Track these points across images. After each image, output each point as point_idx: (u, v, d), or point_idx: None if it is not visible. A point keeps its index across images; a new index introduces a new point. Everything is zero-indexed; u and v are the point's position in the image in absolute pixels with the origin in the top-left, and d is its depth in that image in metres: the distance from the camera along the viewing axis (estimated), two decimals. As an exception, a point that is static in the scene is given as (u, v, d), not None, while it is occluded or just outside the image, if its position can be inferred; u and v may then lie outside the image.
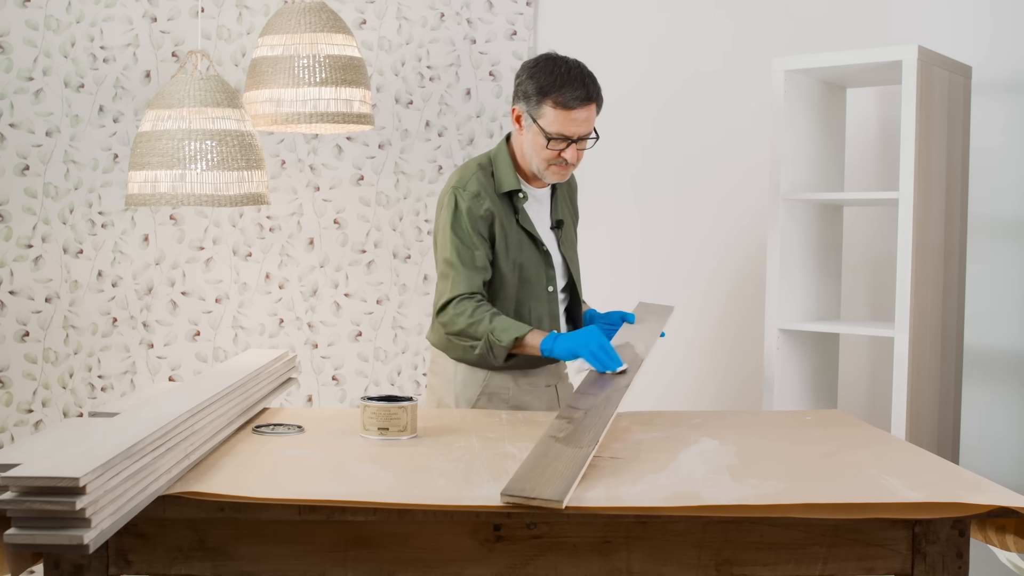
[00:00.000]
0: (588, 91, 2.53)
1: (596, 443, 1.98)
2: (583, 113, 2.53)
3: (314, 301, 3.64)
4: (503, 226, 2.62)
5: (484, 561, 1.84)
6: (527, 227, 2.65)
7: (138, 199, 2.79)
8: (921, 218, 2.98)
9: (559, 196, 2.76)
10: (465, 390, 2.70)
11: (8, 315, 3.46)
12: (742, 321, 3.81)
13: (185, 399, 2.04)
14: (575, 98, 2.51)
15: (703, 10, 3.82)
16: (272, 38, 2.96)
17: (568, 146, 2.55)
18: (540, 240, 2.66)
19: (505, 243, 2.62)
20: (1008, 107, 3.34)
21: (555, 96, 2.51)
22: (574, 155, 2.56)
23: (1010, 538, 1.90)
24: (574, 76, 2.52)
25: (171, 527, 1.85)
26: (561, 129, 2.53)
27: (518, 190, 2.64)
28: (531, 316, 2.66)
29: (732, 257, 3.83)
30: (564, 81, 2.51)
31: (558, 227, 2.72)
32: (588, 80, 2.54)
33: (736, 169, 3.80)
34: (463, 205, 2.59)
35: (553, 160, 2.57)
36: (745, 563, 1.86)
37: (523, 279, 2.64)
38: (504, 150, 2.68)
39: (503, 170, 2.65)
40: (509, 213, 2.64)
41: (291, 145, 3.62)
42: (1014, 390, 3.32)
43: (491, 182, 2.63)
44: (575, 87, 2.51)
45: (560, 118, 2.52)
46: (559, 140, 2.54)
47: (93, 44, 3.49)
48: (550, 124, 2.53)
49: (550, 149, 2.55)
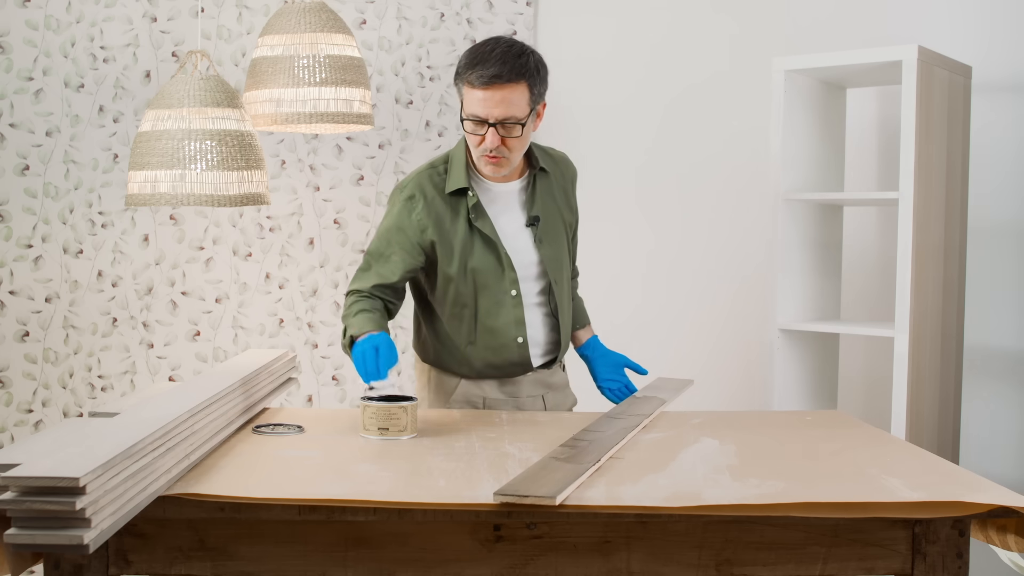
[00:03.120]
0: (501, 70, 2.30)
1: (597, 463, 1.97)
2: (499, 93, 2.31)
3: (314, 301, 3.64)
4: (444, 230, 2.46)
5: (484, 561, 1.84)
6: (481, 227, 2.47)
7: (138, 199, 2.80)
8: (921, 218, 2.98)
9: (539, 190, 2.55)
10: (437, 397, 2.63)
11: (8, 315, 3.46)
12: (742, 321, 3.81)
13: (185, 399, 2.04)
14: (483, 76, 2.30)
15: (703, 11, 3.82)
16: (272, 38, 2.96)
17: (487, 129, 2.34)
18: (498, 242, 2.48)
19: (450, 247, 2.47)
20: (1008, 107, 3.34)
21: (467, 75, 2.34)
22: (494, 140, 2.34)
23: (1011, 538, 1.90)
24: (492, 55, 2.32)
25: (171, 527, 1.84)
26: (473, 110, 2.34)
27: (466, 188, 2.46)
28: (497, 323, 2.51)
29: (732, 257, 3.83)
30: (478, 60, 2.33)
31: (533, 224, 2.52)
32: (508, 58, 2.32)
33: (736, 169, 3.80)
34: (394, 208, 2.50)
35: (478, 148, 2.39)
36: (745, 563, 1.86)
37: (480, 285, 2.49)
38: (462, 147, 2.51)
39: (455, 168, 2.48)
40: (459, 213, 2.47)
41: (291, 145, 3.62)
42: (1014, 390, 3.32)
43: (441, 181, 2.48)
44: (487, 65, 2.31)
45: (471, 98, 2.34)
46: (474, 122, 2.35)
47: (93, 44, 3.49)
48: (466, 105, 2.37)
49: (469, 133, 2.38)
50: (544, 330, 2.59)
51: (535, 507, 1.75)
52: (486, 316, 2.52)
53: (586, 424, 2.33)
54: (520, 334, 2.54)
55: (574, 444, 2.11)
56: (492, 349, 2.53)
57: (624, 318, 3.72)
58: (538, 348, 2.59)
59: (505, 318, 2.52)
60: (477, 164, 2.45)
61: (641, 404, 2.52)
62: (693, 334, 3.83)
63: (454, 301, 2.52)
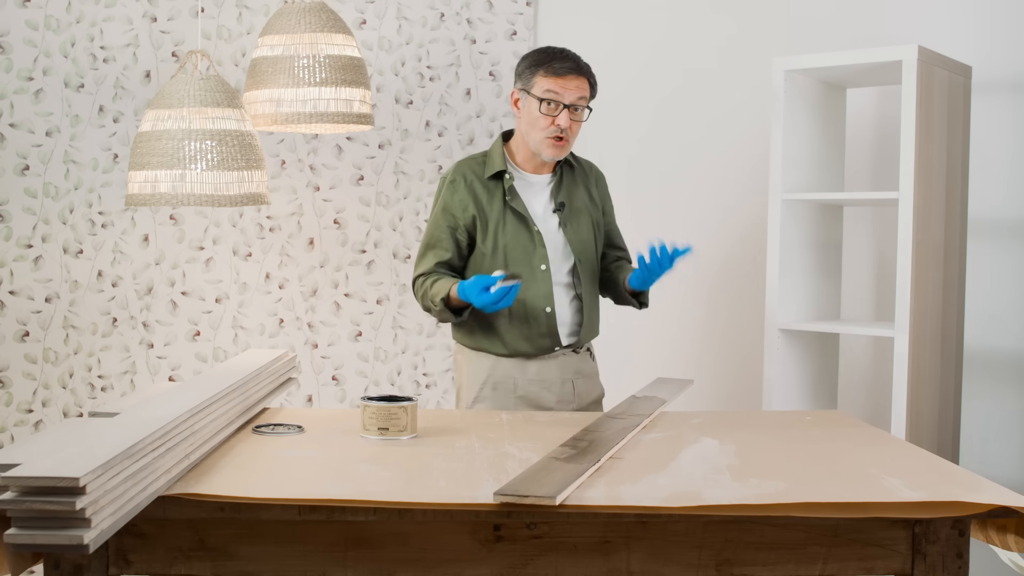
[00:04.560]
0: (578, 63, 2.70)
1: (597, 463, 1.97)
2: (574, 82, 2.68)
3: (314, 301, 3.64)
4: (484, 209, 2.75)
5: (484, 561, 1.84)
6: (516, 206, 2.74)
7: (138, 199, 2.79)
8: (921, 218, 2.98)
9: (566, 182, 2.82)
10: (472, 378, 2.78)
11: (8, 315, 3.46)
12: (742, 321, 3.81)
13: (185, 399, 2.04)
14: (564, 67, 2.68)
15: (703, 10, 3.82)
16: (272, 38, 2.96)
17: (561, 110, 2.67)
18: (531, 220, 2.74)
19: (486, 224, 2.74)
20: (1008, 107, 3.34)
21: (546, 67, 2.69)
22: (566, 120, 2.68)
23: (1011, 538, 1.90)
24: (565, 52, 2.72)
25: (171, 527, 1.84)
26: (552, 88, 2.67)
27: (503, 171, 2.76)
28: (527, 295, 2.72)
29: (732, 257, 3.83)
30: (554, 55, 2.70)
31: (560, 209, 2.78)
32: (578, 58, 2.72)
33: (736, 169, 3.80)
34: (440, 195, 2.80)
35: (548, 129, 2.68)
36: (745, 563, 1.86)
37: (510, 261, 2.73)
38: (499, 143, 2.82)
39: (494, 157, 2.79)
40: (495, 196, 2.76)
41: (291, 145, 3.62)
42: (1014, 390, 3.32)
43: (480, 169, 2.79)
44: (565, 59, 2.69)
45: (551, 83, 2.67)
46: (551, 104, 2.67)
47: (93, 44, 3.49)
48: (542, 89, 2.68)
49: (543, 114, 2.68)
50: (570, 310, 2.79)
51: (535, 507, 1.75)
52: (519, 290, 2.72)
53: (586, 424, 2.33)
54: (548, 304, 2.74)
55: (574, 444, 2.12)
56: (523, 320, 2.73)
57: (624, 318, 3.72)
58: (564, 327, 2.78)
59: (535, 291, 2.73)
60: (540, 148, 2.72)
61: (641, 404, 2.53)
62: (693, 334, 3.83)
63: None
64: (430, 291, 2.69)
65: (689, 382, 2.82)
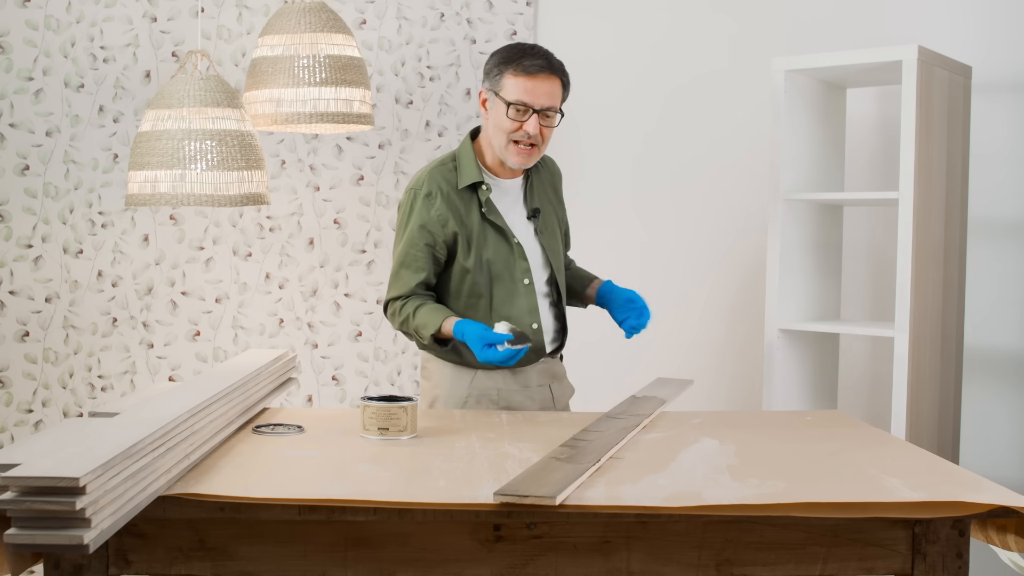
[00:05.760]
0: (550, 62, 2.53)
1: (597, 463, 1.97)
2: (545, 83, 2.51)
3: (314, 301, 3.64)
4: (463, 223, 2.59)
5: (484, 561, 1.84)
6: (494, 220, 2.60)
7: (138, 199, 2.79)
8: (921, 218, 2.99)
9: (535, 185, 2.70)
10: (452, 392, 2.67)
11: (8, 315, 3.46)
12: (742, 321, 3.81)
13: (185, 399, 2.04)
14: (535, 65, 2.50)
15: (703, 10, 3.82)
16: (272, 38, 2.96)
17: (530, 116, 2.51)
18: (509, 232, 2.62)
19: (467, 240, 2.59)
20: (1008, 107, 3.34)
21: (515, 65, 2.51)
22: (535, 127, 2.51)
23: (1011, 538, 1.90)
24: (536, 49, 2.54)
25: (171, 527, 1.85)
26: (521, 95, 2.50)
27: (480, 182, 2.60)
28: (512, 311, 2.61)
29: (732, 257, 3.83)
30: (524, 52, 2.53)
31: (535, 216, 2.67)
32: (550, 56, 2.55)
33: (736, 169, 3.80)
34: (416, 207, 2.60)
35: (515, 134, 2.52)
36: (745, 563, 1.86)
37: (494, 276, 2.61)
38: (468, 145, 2.65)
39: (465, 164, 2.62)
40: (472, 208, 2.60)
41: (291, 145, 3.62)
42: (1014, 390, 3.32)
43: (452, 177, 2.61)
44: (536, 57, 2.52)
45: (520, 85, 2.50)
46: (520, 109, 2.50)
47: (93, 44, 3.49)
48: (510, 92, 2.51)
49: (511, 119, 2.51)
50: (551, 318, 2.71)
51: (535, 507, 1.75)
52: (501, 305, 2.63)
53: (586, 424, 2.33)
54: (535, 320, 2.65)
55: (574, 444, 2.12)
56: None
57: (624, 318, 3.72)
58: (548, 335, 2.70)
59: (519, 306, 2.63)
60: (505, 155, 2.57)
61: (641, 404, 2.53)
62: (693, 334, 3.83)
63: (469, 292, 2.62)
64: (412, 319, 2.56)
65: (689, 382, 2.81)
